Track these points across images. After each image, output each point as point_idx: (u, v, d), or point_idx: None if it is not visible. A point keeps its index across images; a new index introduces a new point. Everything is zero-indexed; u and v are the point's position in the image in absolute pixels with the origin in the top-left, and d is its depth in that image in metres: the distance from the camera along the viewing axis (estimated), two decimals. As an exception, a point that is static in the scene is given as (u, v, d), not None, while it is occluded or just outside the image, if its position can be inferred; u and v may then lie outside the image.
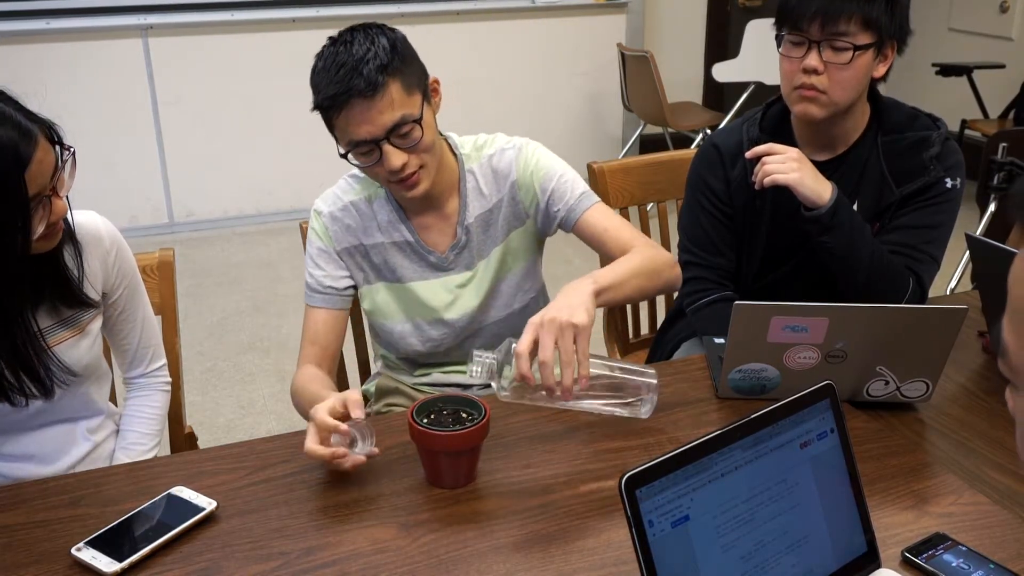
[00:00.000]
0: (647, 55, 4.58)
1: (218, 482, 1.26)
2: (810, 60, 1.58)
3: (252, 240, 4.76)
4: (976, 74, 4.86)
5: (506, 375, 1.25)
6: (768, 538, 0.94)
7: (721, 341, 1.52)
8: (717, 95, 5.69)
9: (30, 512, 1.20)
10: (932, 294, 1.75)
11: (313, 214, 1.62)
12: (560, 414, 1.38)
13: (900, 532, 1.13)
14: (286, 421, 2.99)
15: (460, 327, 1.65)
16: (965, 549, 1.08)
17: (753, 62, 4.84)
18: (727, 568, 0.91)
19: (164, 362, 1.62)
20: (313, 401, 1.40)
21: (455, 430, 1.20)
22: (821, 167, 1.63)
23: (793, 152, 1.59)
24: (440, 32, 5.02)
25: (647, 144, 5.36)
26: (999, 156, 3.17)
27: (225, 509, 1.20)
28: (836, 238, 1.59)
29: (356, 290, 1.65)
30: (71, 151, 1.27)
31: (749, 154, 1.64)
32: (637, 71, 4.75)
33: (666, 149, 5.01)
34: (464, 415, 1.25)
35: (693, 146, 4.61)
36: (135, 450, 1.54)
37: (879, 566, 1.03)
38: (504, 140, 1.64)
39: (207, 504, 1.18)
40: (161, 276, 1.68)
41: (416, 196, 1.51)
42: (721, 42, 5.72)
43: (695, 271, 1.78)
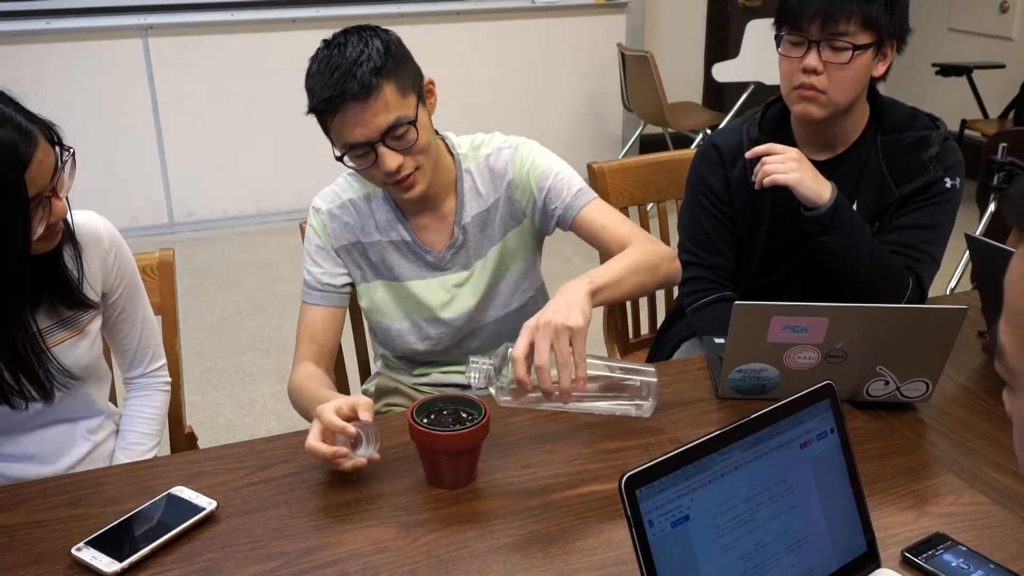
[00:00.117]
0: (647, 55, 4.58)
1: (218, 482, 1.26)
2: (809, 60, 1.58)
3: (252, 240, 4.76)
4: (976, 74, 4.86)
5: (504, 380, 1.24)
6: (768, 538, 0.94)
7: (721, 341, 1.52)
8: (717, 95, 5.69)
9: (30, 512, 1.20)
10: (932, 294, 1.75)
11: (311, 211, 1.62)
12: (560, 414, 1.38)
13: (900, 532, 1.13)
14: (286, 421, 2.99)
15: (458, 326, 1.65)
16: (965, 549, 1.08)
17: (753, 62, 4.84)
18: (727, 568, 0.91)
19: (164, 362, 1.62)
20: (315, 400, 1.40)
21: (455, 430, 1.20)
22: (821, 167, 1.63)
23: (793, 152, 1.59)
24: (440, 32, 5.02)
25: (647, 144, 5.36)
26: (999, 156, 3.17)
27: (225, 509, 1.20)
28: (836, 238, 1.59)
29: (354, 288, 1.65)
30: (71, 152, 1.27)
31: (749, 154, 1.64)
32: (637, 71, 4.75)
33: (666, 149, 5.01)
34: (464, 415, 1.25)
35: (693, 146, 4.61)
36: (135, 450, 1.54)
37: (879, 566, 1.03)
38: (501, 139, 1.64)
39: (207, 504, 1.18)
40: (161, 276, 1.68)
41: (412, 197, 1.51)
42: (721, 42, 5.72)
43: (695, 271, 1.78)
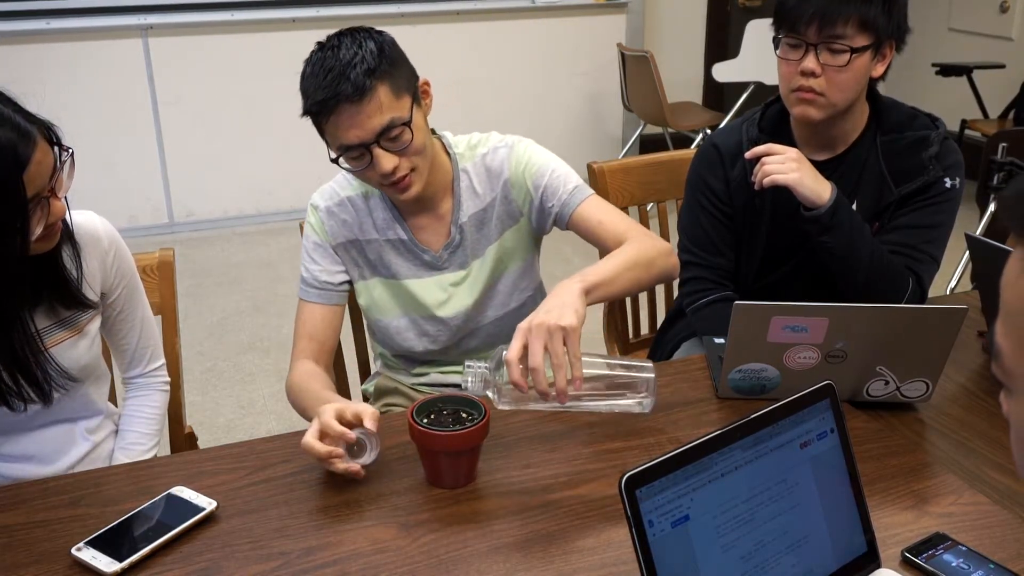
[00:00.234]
0: (647, 55, 4.58)
1: (218, 482, 1.26)
2: (807, 63, 1.58)
3: (252, 240, 4.76)
4: (976, 74, 4.86)
5: (501, 383, 1.24)
6: (768, 538, 0.94)
7: (721, 341, 1.52)
8: (717, 95, 5.69)
9: (30, 512, 1.20)
10: (932, 294, 1.75)
11: (310, 208, 1.62)
12: (560, 414, 1.38)
13: (900, 532, 1.13)
14: (286, 421, 2.99)
15: (456, 326, 1.65)
16: (965, 549, 1.08)
17: (753, 62, 4.84)
18: (727, 568, 0.91)
19: (163, 362, 1.62)
20: (317, 400, 1.40)
21: (455, 430, 1.20)
22: (820, 167, 1.63)
23: (792, 152, 1.59)
24: (440, 32, 5.02)
25: (647, 144, 5.36)
26: (999, 156, 3.17)
27: (225, 509, 1.20)
28: (836, 238, 1.59)
29: (352, 286, 1.64)
30: (70, 152, 1.27)
31: (748, 154, 1.64)
32: (637, 71, 4.75)
33: (666, 149, 5.01)
34: (464, 415, 1.25)
35: (693, 146, 4.61)
36: (134, 450, 1.54)
37: (879, 566, 1.03)
38: (497, 139, 1.64)
39: (207, 504, 1.18)
40: (161, 276, 1.68)
41: (409, 198, 1.51)
42: (721, 42, 5.72)
43: (695, 271, 1.78)
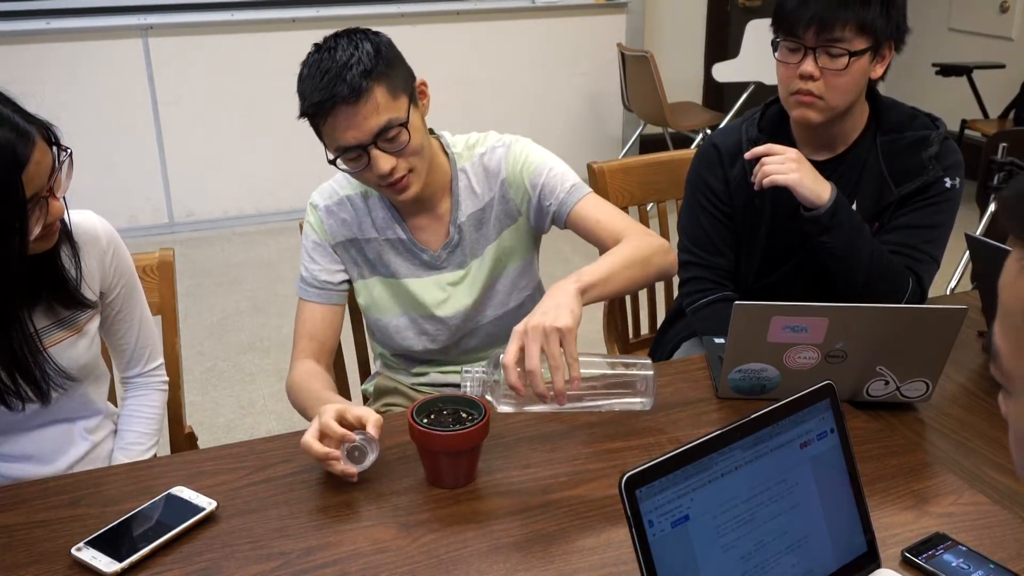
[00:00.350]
0: (647, 55, 4.58)
1: (218, 482, 1.26)
2: (806, 66, 1.58)
3: (252, 240, 4.76)
4: (976, 74, 4.86)
5: (499, 387, 1.23)
6: (768, 538, 0.94)
7: (721, 341, 1.52)
8: (717, 95, 5.69)
9: (30, 512, 1.20)
10: (932, 294, 1.75)
11: (309, 207, 1.62)
12: (560, 414, 1.38)
13: (900, 532, 1.13)
14: (286, 421, 2.99)
15: (455, 325, 1.65)
16: (965, 549, 1.08)
17: (753, 62, 4.84)
18: (727, 568, 0.91)
19: (161, 361, 1.62)
20: (318, 400, 1.40)
21: (455, 430, 1.20)
22: (820, 167, 1.63)
23: (792, 152, 1.59)
24: (440, 32, 5.02)
25: (647, 144, 5.36)
26: (999, 156, 3.17)
27: (225, 509, 1.20)
28: (836, 238, 1.59)
29: (351, 285, 1.64)
30: (68, 152, 1.27)
31: (748, 155, 1.64)
32: (637, 71, 4.75)
33: (666, 149, 5.01)
34: (464, 415, 1.25)
35: (693, 146, 4.61)
36: (133, 450, 1.54)
37: (879, 566, 1.03)
38: (495, 138, 1.64)
39: (207, 504, 1.18)
40: (161, 276, 1.68)
41: (407, 199, 1.51)
42: (721, 42, 5.72)
43: (695, 271, 1.78)
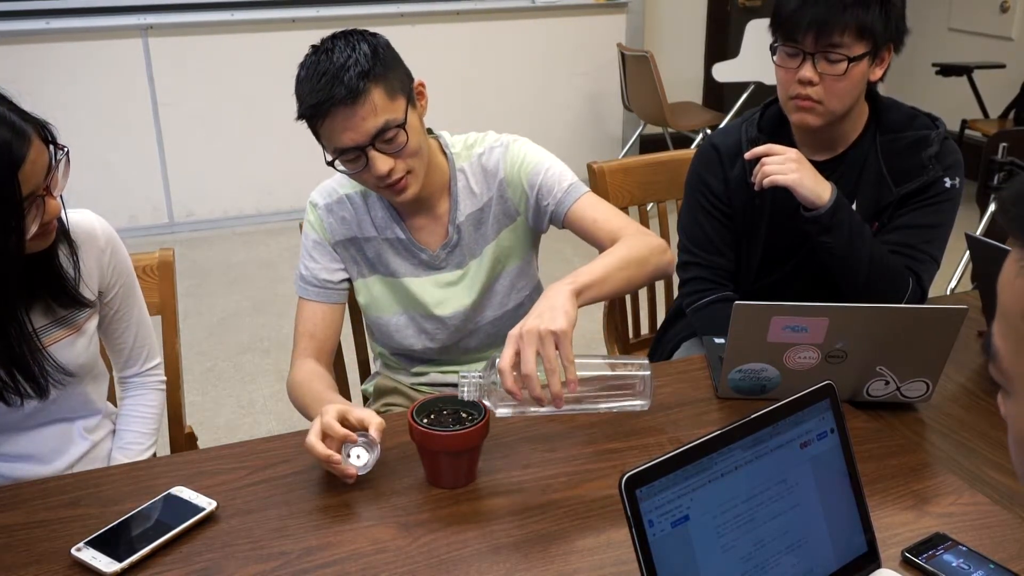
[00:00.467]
0: (647, 55, 4.58)
1: (218, 482, 1.26)
2: (805, 72, 1.58)
3: (252, 240, 4.76)
4: (976, 74, 4.86)
5: (496, 391, 1.22)
6: (768, 538, 0.94)
7: (721, 341, 1.52)
8: (717, 95, 5.69)
9: (30, 512, 1.20)
10: (932, 294, 1.75)
11: (309, 206, 1.62)
12: (559, 415, 1.38)
13: (900, 532, 1.13)
14: (286, 421, 2.99)
15: (455, 325, 1.65)
16: (965, 549, 1.08)
17: (753, 62, 4.84)
18: (727, 568, 0.91)
19: (159, 361, 1.62)
20: (319, 400, 1.40)
21: (455, 430, 1.20)
22: (820, 167, 1.63)
23: (792, 153, 1.59)
24: (440, 32, 5.02)
25: (647, 144, 5.36)
26: (999, 156, 3.16)
27: (225, 509, 1.20)
28: (836, 238, 1.59)
29: (351, 283, 1.64)
30: (65, 150, 1.27)
31: (748, 155, 1.64)
32: (637, 71, 4.75)
33: (666, 149, 5.01)
34: (464, 415, 1.25)
35: (693, 146, 4.61)
36: (132, 450, 1.54)
37: (879, 566, 1.03)
38: (493, 138, 1.64)
39: (207, 504, 1.18)
40: (161, 276, 1.68)
41: (405, 200, 1.51)
42: (721, 42, 5.72)
43: (695, 271, 1.78)
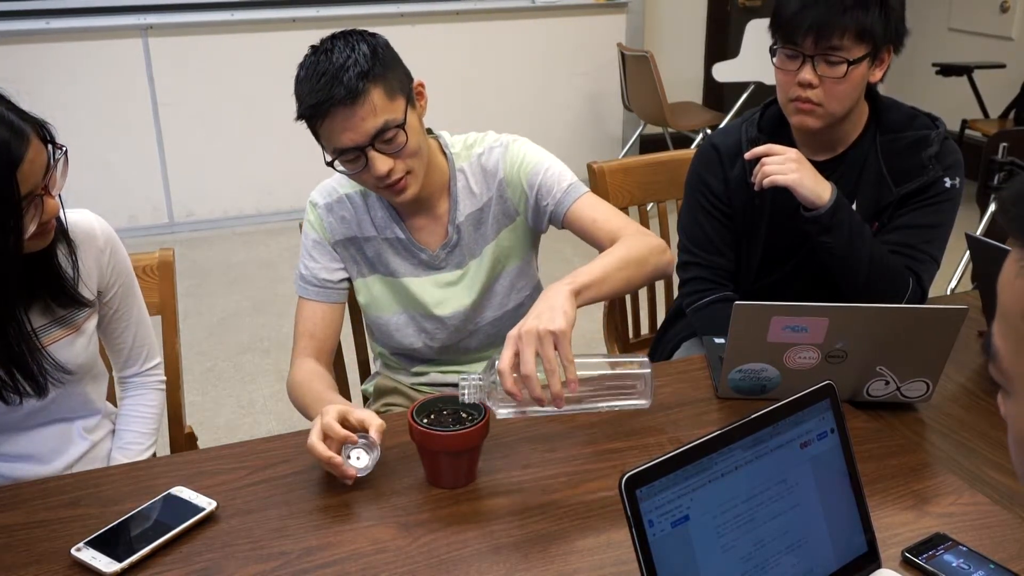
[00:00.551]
0: (647, 55, 4.58)
1: (218, 482, 1.26)
2: (804, 74, 1.57)
3: (252, 240, 4.76)
4: (976, 74, 4.86)
5: (497, 393, 1.23)
6: (768, 538, 0.94)
7: (721, 341, 1.52)
8: (717, 95, 5.69)
9: (30, 512, 1.20)
10: (932, 294, 1.75)
11: (309, 205, 1.62)
12: (560, 415, 1.38)
13: (900, 532, 1.13)
14: (286, 421, 2.99)
15: (455, 325, 1.65)
16: (965, 549, 1.08)
17: (753, 62, 4.84)
18: (727, 568, 0.91)
19: (158, 360, 1.62)
20: (319, 400, 1.40)
21: (455, 430, 1.20)
22: (820, 167, 1.63)
23: (792, 153, 1.59)
24: (440, 32, 5.02)
25: (647, 144, 5.36)
26: (999, 156, 3.16)
27: (225, 509, 1.20)
28: (836, 238, 1.58)
29: (350, 283, 1.64)
30: (63, 150, 1.27)
31: (748, 155, 1.64)
32: (637, 71, 4.75)
33: (666, 149, 5.01)
34: (464, 415, 1.25)
35: (693, 146, 4.61)
36: (132, 450, 1.54)
37: (879, 566, 1.03)
38: (493, 138, 1.64)
39: (207, 504, 1.18)
40: (161, 276, 1.68)
41: (405, 200, 1.51)
42: (721, 42, 5.71)
43: (695, 271, 1.78)
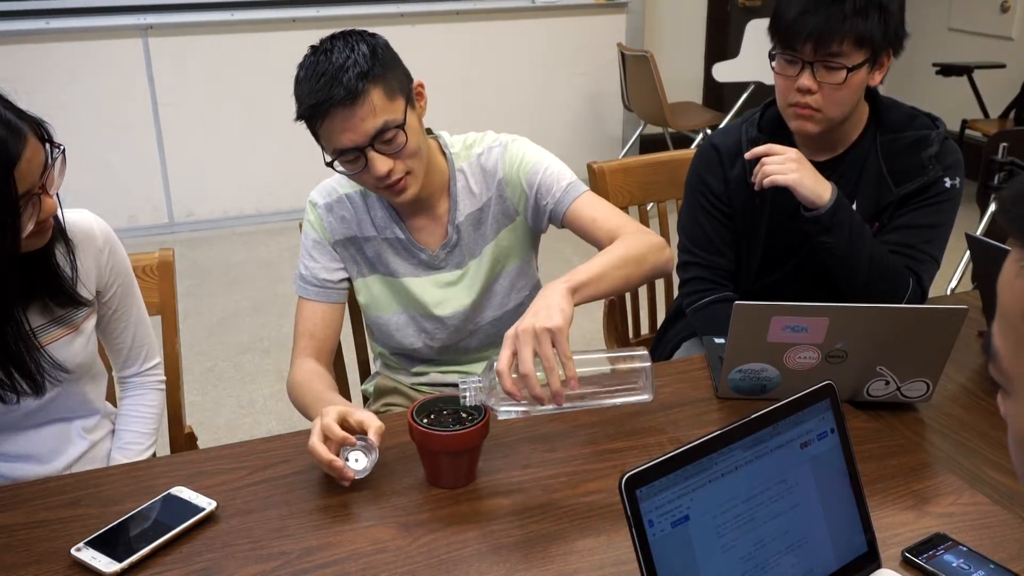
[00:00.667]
0: (647, 55, 4.58)
1: (218, 482, 1.26)
2: (803, 80, 1.57)
3: (252, 240, 4.76)
4: (976, 74, 4.86)
5: (497, 393, 1.22)
6: (768, 538, 0.94)
7: (721, 341, 1.52)
8: (717, 95, 5.69)
9: (30, 512, 1.20)
10: (932, 294, 1.75)
11: (309, 205, 1.62)
12: (560, 414, 1.38)
13: (900, 532, 1.13)
14: (286, 421, 2.99)
15: (455, 325, 1.65)
16: (965, 549, 1.08)
17: (753, 62, 4.84)
18: (727, 568, 0.91)
19: (158, 361, 1.62)
20: (319, 400, 1.40)
21: (455, 430, 1.20)
22: (820, 167, 1.63)
23: (792, 153, 1.59)
24: (440, 32, 5.02)
25: (647, 144, 5.36)
26: (999, 156, 3.16)
27: (225, 509, 1.20)
28: (836, 238, 1.58)
29: (350, 283, 1.64)
30: (61, 149, 1.27)
31: (748, 155, 1.64)
32: (637, 71, 4.75)
33: (666, 149, 5.01)
34: (464, 415, 1.24)
35: (693, 146, 4.61)
36: (132, 450, 1.54)
37: (879, 566, 1.03)
38: (492, 138, 1.64)
39: (207, 504, 1.18)
40: (161, 276, 1.68)
41: (405, 201, 1.51)
42: (721, 42, 5.71)
43: (695, 271, 1.78)
